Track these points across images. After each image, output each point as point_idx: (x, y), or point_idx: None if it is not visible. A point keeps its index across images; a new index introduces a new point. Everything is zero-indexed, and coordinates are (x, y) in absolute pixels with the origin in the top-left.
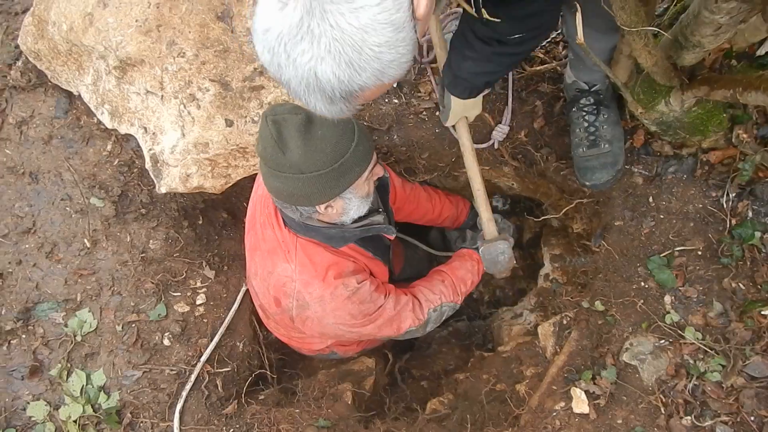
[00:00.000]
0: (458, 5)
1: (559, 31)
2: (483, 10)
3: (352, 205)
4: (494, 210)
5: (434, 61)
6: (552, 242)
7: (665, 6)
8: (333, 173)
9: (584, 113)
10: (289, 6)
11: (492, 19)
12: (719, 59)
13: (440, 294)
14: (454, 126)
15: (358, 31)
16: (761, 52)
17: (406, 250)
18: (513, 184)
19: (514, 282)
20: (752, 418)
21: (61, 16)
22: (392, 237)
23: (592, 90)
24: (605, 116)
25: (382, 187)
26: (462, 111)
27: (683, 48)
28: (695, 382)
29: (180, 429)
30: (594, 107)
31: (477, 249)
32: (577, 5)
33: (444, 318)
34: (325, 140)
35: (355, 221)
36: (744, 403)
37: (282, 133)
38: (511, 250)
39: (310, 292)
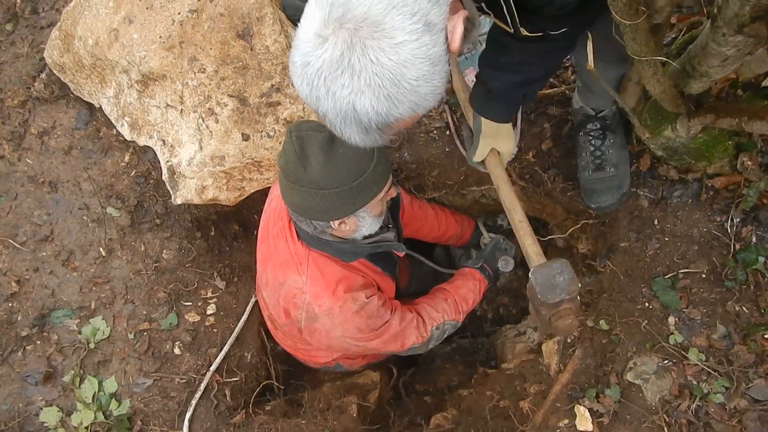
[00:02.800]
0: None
1: (569, 57)
2: (522, 28)
3: (365, 223)
4: (499, 229)
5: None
6: None
7: (673, 36)
8: (351, 191)
9: (591, 137)
10: (330, 41)
11: (531, 35)
12: (725, 88)
13: (443, 312)
14: (482, 162)
15: (398, 66)
16: (767, 83)
17: (412, 266)
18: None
19: (517, 300)
20: None
21: (87, 31)
22: (402, 254)
23: (599, 115)
24: (611, 141)
25: (393, 204)
26: (493, 140)
27: (690, 77)
28: (698, 403)
29: None
30: (600, 132)
31: (479, 268)
32: (589, 33)
33: (445, 336)
34: (346, 159)
35: (366, 237)
36: (747, 426)
37: (305, 148)
38: (571, 269)
39: (319, 304)
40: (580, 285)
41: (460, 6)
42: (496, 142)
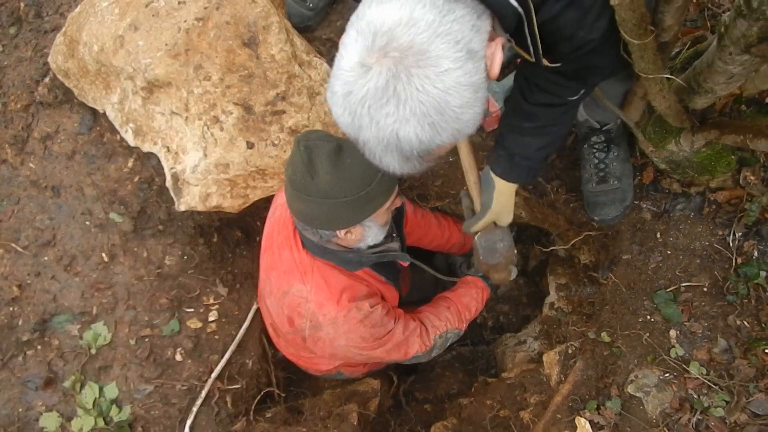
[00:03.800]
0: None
1: None
2: (544, 59)
3: (370, 232)
4: None
5: None
6: (558, 271)
7: (678, 50)
8: (358, 201)
9: (595, 150)
10: (374, 70)
11: (552, 65)
12: (729, 104)
13: (446, 321)
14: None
15: (443, 94)
16: None
17: (414, 274)
18: (522, 213)
19: (518, 308)
20: None
21: (92, 37)
22: (406, 264)
23: (603, 129)
24: (615, 154)
25: (397, 214)
26: (497, 215)
27: (695, 93)
28: (699, 417)
29: None
30: (604, 145)
31: (482, 277)
32: None
33: (448, 344)
34: (354, 169)
35: (371, 247)
36: None
37: (312, 158)
38: (511, 238)
39: (324, 313)
40: (516, 251)
41: (496, 33)
42: (499, 217)
